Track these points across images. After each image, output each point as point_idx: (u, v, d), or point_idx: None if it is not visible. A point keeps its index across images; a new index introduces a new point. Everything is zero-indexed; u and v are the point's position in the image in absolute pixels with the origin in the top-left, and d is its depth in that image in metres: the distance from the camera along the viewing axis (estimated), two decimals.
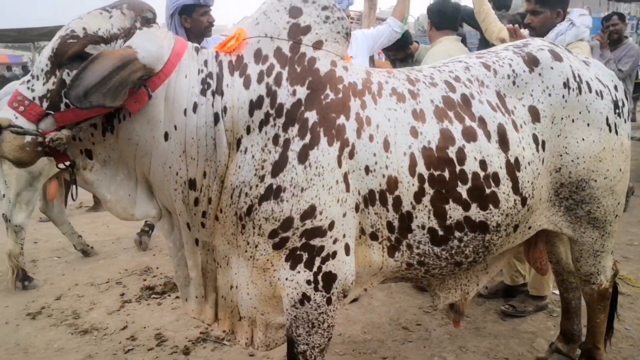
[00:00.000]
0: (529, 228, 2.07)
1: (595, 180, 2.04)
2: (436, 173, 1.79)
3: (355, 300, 3.43)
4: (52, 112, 1.61)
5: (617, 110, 2.08)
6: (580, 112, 1.99)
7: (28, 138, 1.58)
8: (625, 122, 2.13)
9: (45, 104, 1.61)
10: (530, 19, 3.06)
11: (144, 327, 3.17)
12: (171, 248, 1.94)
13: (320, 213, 1.70)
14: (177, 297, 3.52)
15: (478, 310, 3.25)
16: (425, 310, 3.28)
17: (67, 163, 1.73)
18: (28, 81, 1.66)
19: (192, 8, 3.40)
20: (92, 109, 1.55)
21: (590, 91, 2.01)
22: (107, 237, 5.11)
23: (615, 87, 2.14)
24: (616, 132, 2.07)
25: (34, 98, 1.61)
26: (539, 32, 2.98)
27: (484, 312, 3.23)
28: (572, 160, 2.00)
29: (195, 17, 3.42)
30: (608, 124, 2.04)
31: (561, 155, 1.99)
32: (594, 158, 2.02)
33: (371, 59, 4.03)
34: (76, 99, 1.48)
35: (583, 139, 2.00)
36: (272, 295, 1.85)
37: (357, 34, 3.59)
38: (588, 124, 2.01)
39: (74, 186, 1.79)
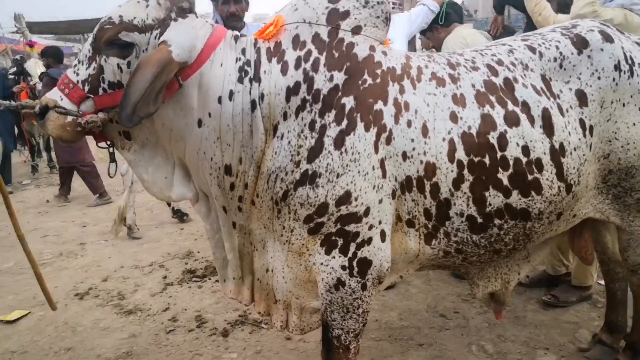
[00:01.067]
0: (574, 216, 2.00)
1: None
2: (476, 159, 1.75)
3: (392, 286, 3.41)
4: (92, 96, 1.67)
5: None
6: (631, 96, 1.90)
7: (69, 118, 1.66)
8: None
9: (86, 88, 1.68)
10: None
11: (185, 309, 3.26)
12: (208, 230, 1.98)
13: (356, 199, 1.69)
14: (217, 281, 3.60)
15: (519, 300, 3.18)
16: (464, 298, 3.23)
17: (108, 143, 1.80)
18: (75, 65, 1.74)
19: None
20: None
21: None
22: (150, 222, 5.26)
23: None
24: None
25: (77, 82, 1.69)
26: None
27: (525, 302, 3.16)
28: (622, 146, 1.91)
29: (218, 6, 3.40)
30: None
31: (610, 141, 1.91)
32: None
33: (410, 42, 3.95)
34: (127, 120, 1.56)
35: (634, 124, 1.91)
36: (308, 279, 1.86)
37: (394, 18, 3.52)
38: (639, 108, 1.91)
39: (112, 164, 1.87)
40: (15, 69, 7.88)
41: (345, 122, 1.69)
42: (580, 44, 1.89)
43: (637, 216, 2.06)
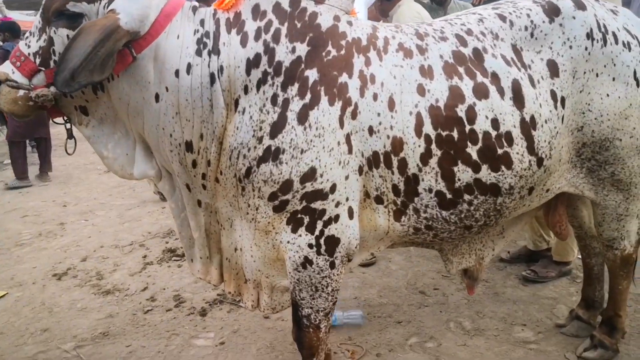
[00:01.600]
0: (547, 191, 1.96)
1: (620, 140, 1.91)
2: (444, 133, 1.70)
3: (372, 264, 3.41)
4: (43, 69, 1.60)
5: None
6: (605, 66, 1.85)
7: (21, 92, 1.61)
8: None
9: (37, 60, 1.62)
10: None
11: (164, 289, 3.23)
12: (173, 209, 1.93)
13: (321, 175, 1.64)
14: None
15: (498, 275, 3.18)
16: (444, 274, 3.22)
17: (65, 118, 1.74)
18: (26, 37, 1.66)
19: None
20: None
21: (616, 42, 1.86)
22: (132, 200, 5.20)
23: None
24: None
25: (29, 54, 1.62)
26: None
27: (504, 277, 3.15)
28: (596, 118, 1.87)
29: None
30: (636, 78, 1.89)
31: (583, 113, 1.86)
32: (619, 115, 1.88)
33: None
34: (64, 84, 1.50)
35: (608, 95, 1.86)
36: (276, 258, 1.82)
37: None
38: (613, 78, 1.86)
39: (70, 140, 1.81)
40: None
41: (308, 96, 1.63)
42: (552, 11, 1.83)
43: (612, 190, 2.03)
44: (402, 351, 2.47)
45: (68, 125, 1.80)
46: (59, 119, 1.80)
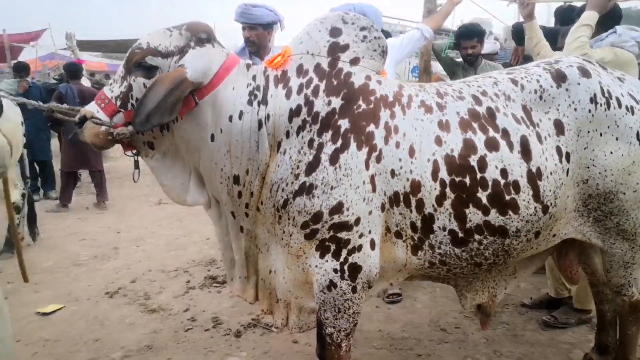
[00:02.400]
0: (554, 236, 2.15)
1: (624, 193, 2.09)
2: (457, 179, 1.95)
3: (399, 302, 3.59)
4: (122, 110, 1.96)
5: None
6: (608, 127, 2.06)
7: (102, 128, 1.95)
8: None
9: (118, 103, 1.97)
10: None
11: (203, 311, 3.52)
12: (219, 233, 2.23)
13: (347, 209, 1.91)
14: None
15: (519, 319, 3.30)
16: (466, 315, 3.36)
17: (134, 152, 2.09)
18: (110, 84, 2.04)
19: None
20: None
21: (619, 106, 2.07)
22: (179, 230, 5.59)
23: None
24: None
25: (111, 98, 1.99)
26: None
27: (525, 322, 3.27)
28: (600, 173, 2.07)
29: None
30: (639, 139, 2.09)
31: (588, 167, 2.07)
32: (622, 171, 2.07)
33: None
34: (140, 125, 1.86)
35: (611, 152, 2.06)
36: (305, 280, 2.08)
37: (388, 41, 3.76)
38: (617, 138, 2.07)
39: (137, 170, 2.15)
40: (58, 78, 8.48)
41: (340, 142, 1.92)
42: (560, 78, 2.07)
43: (618, 239, 2.19)
44: None
45: (136, 157, 2.15)
46: (128, 152, 2.14)
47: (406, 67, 11.02)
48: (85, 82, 8.16)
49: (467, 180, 1.95)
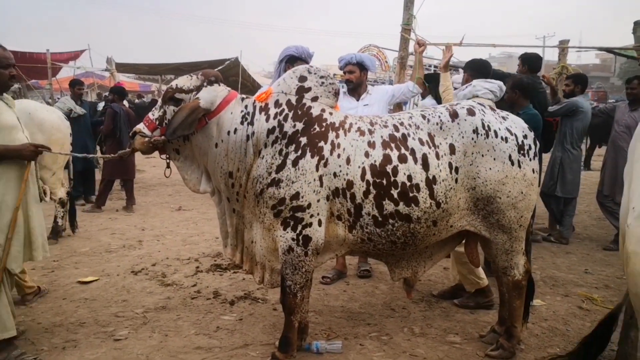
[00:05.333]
0: (451, 226, 3.04)
1: (500, 198, 2.98)
2: (378, 180, 2.87)
3: (368, 276, 4.58)
4: (159, 127, 2.96)
5: (522, 151, 3.01)
6: (487, 150, 2.96)
7: (146, 139, 2.94)
8: (530, 160, 3.04)
9: (157, 122, 2.97)
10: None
11: (207, 287, 4.44)
12: (218, 213, 3.19)
13: (302, 197, 2.84)
14: (234, 272, 4.79)
15: (455, 308, 4.12)
16: (414, 301, 4.21)
17: (166, 156, 3.08)
18: (154, 109, 3.04)
19: (295, 59, 4.15)
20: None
21: (496, 136, 2.98)
22: (194, 230, 6.56)
23: (525, 136, 3.07)
24: (519, 166, 2.99)
25: (153, 119, 2.98)
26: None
27: (459, 309, 4.10)
28: (483, 182, 2.96)
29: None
30: (511, 160, 2.98)
31: (474, 178, 2.97)
32: (498, 182, 2.97)
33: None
34: (170, 135, 2.87)
35: (490, 168, 2.96)
36: (274, 248, 3.00)
37: (381, 88, 4.78)
38: (494, 158, 2.97)
39: (168, 169, 3.14)
40: (103, 104, 9.69)
41: (300, 152, 2.87)
42: (454, 115, 3.00)
43: (499, 232, 3.07)
44: (363, 339, 3.50)
45: (168, 160, 3.13)
46: (163, 156, 3.14)
47: (413, 100, 12.16)
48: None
49: (384, 181, 2.87)
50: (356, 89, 4.62)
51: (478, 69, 3.91)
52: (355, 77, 4.55)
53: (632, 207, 1.91)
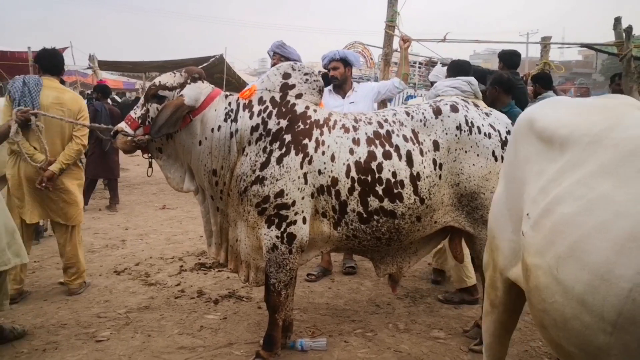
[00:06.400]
0: (435, 222, 3.05)
1: (484, 194, 3.00)
2: (362, 177, 2.87)
3: (353, 273, 4.61)
4: (142, 125, 2.91)
5: (505, 147, 3.03)
6: (471, 147, 2.98)
7: (128, 138, 2.90)
8: None
9: (139, 121, 2.92)
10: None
11: (191, 286, 4.41)
12: (202, 211, 3.15)
13: (287, 195, 2.83)
14: (219, 271, 4.76)
15: (439, 304, 4.15)
16: (399, 297, 4.23)
17: (149, 155, 3.04)
18: (134, 109, 2.99)
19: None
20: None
21: (479, 132, 2.99)
22: (178, 229, 6.51)
23: (508, 132, 3.08)
24: (502, 162, 3.01)
25: (135, 118, 2.93)
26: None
27: (443, 305, 4.13)
28: (466, 178, 2.98)
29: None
30: (494, 156, 3.00)
31: (458, 175, 2.98)
32: (482, 178, 2.98)
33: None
34: (154, 133, 2.83)
35: (474, 164, 2.98)
36: (259, 246, 2.98)
37: (367, 85, 4.78)
38: (477, 154, 2.98)
39: (150, 169, 3.09)
40: (93, 96, 9.56)
41: (284, 149, 2.85)
42: (437, 111, 3.01)
43: (483, 228, 3.08)
44: (348, 336, 3.50)
45: (150, 159, 3.09)
46: (145, 155, 3.09)
47: (401, 96, 12.21)
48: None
49: (369, 178, 2.87)
50: (341, 86, 4.62)
51: (456, 69, 3.95)
52: (340, 74, 4.54)
53: (525, 213, 1.66)
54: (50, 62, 4.09)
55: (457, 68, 3.96)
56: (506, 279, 1.90)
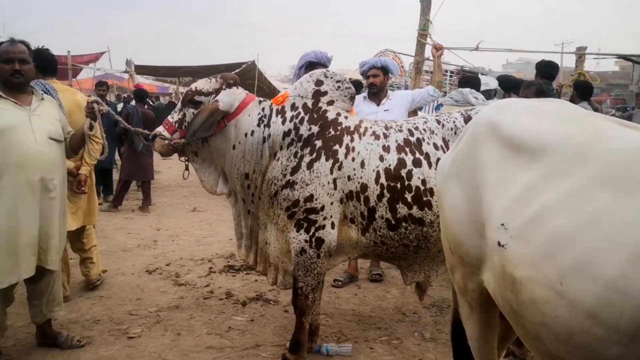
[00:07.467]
0: None
1: None
2: (392, 184, 2.89)
3: (379, 280, 4.61)
4: (179, 130, 3.01)
5: None
6: None
7: (166, 141, 2.99)
8: None
9: (176, 125, 3.02)
10: None
11: (220, 287, 4.49)
12: (234, 214, 3.22)
13: (316, 199, 2.87)
14: (247, 273, 4.83)
15: None
16: (426, 306, 4.21)
17: (185, 158, 3.13)
18: (171, 114, 3.09)
19: (314, 65, 4.03)
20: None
21: None
22: (208, 232, 6.62)
23: None
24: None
25: (172, 122, 3.03)
26: None
27: None
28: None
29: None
30: None
31: None
32: None
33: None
34: (190, 137, 2.91)
35: None
36: (288, 249, 3.03)
37: (402, 93, 4.81)
38: None
39: (186, 171, 3.18)
40: (122, 105, 9.88)
41: (315, 154, 2.90)
42: (469, 120, 3.00)
43: None
44: (373, 343, 3.51)
45: (186, 162, 3.18)
46: (182, 158, 3.19)
47: (432, 105, 12.21)
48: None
49: (398, 185, 2.89)
50: (377, 94, 4.65)
51: (464, 81, 4.04)
52: (379, 81, 4.58)
53: (500, 223, 1.55)
54: (50, 64, 3.97)
55: (465, 80, 4.05)
56: (478, 279, 1.83)
